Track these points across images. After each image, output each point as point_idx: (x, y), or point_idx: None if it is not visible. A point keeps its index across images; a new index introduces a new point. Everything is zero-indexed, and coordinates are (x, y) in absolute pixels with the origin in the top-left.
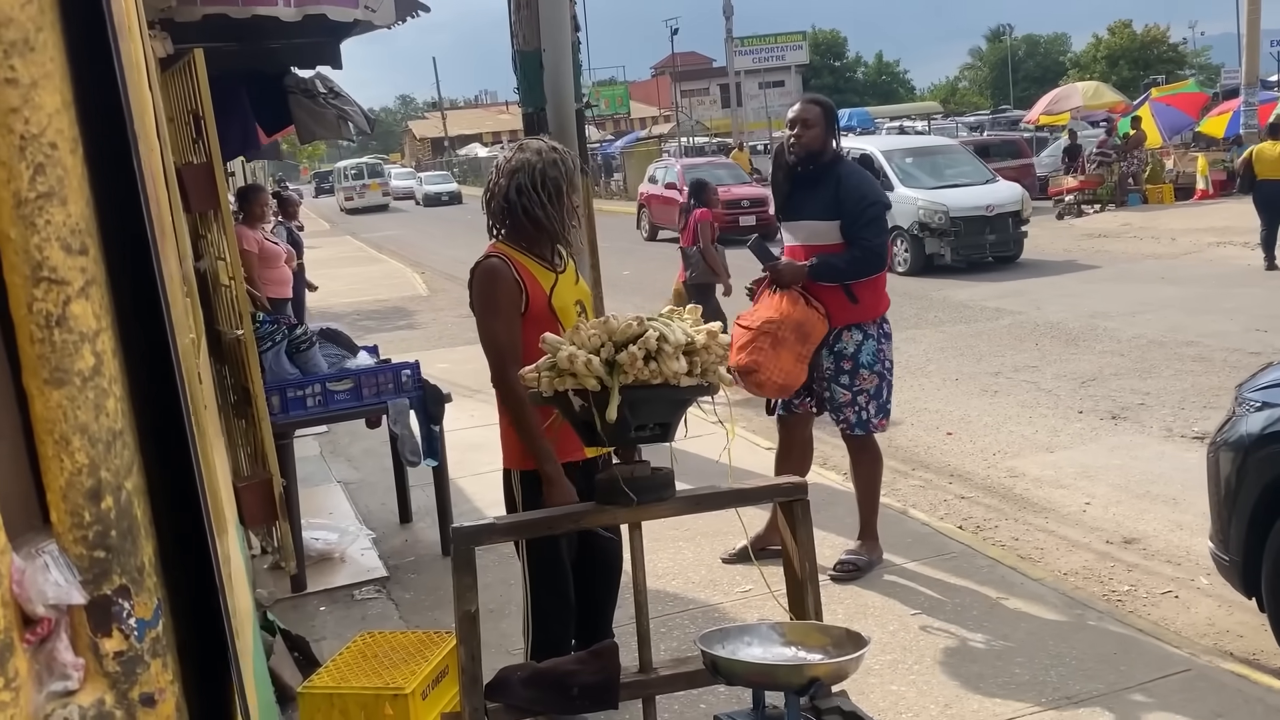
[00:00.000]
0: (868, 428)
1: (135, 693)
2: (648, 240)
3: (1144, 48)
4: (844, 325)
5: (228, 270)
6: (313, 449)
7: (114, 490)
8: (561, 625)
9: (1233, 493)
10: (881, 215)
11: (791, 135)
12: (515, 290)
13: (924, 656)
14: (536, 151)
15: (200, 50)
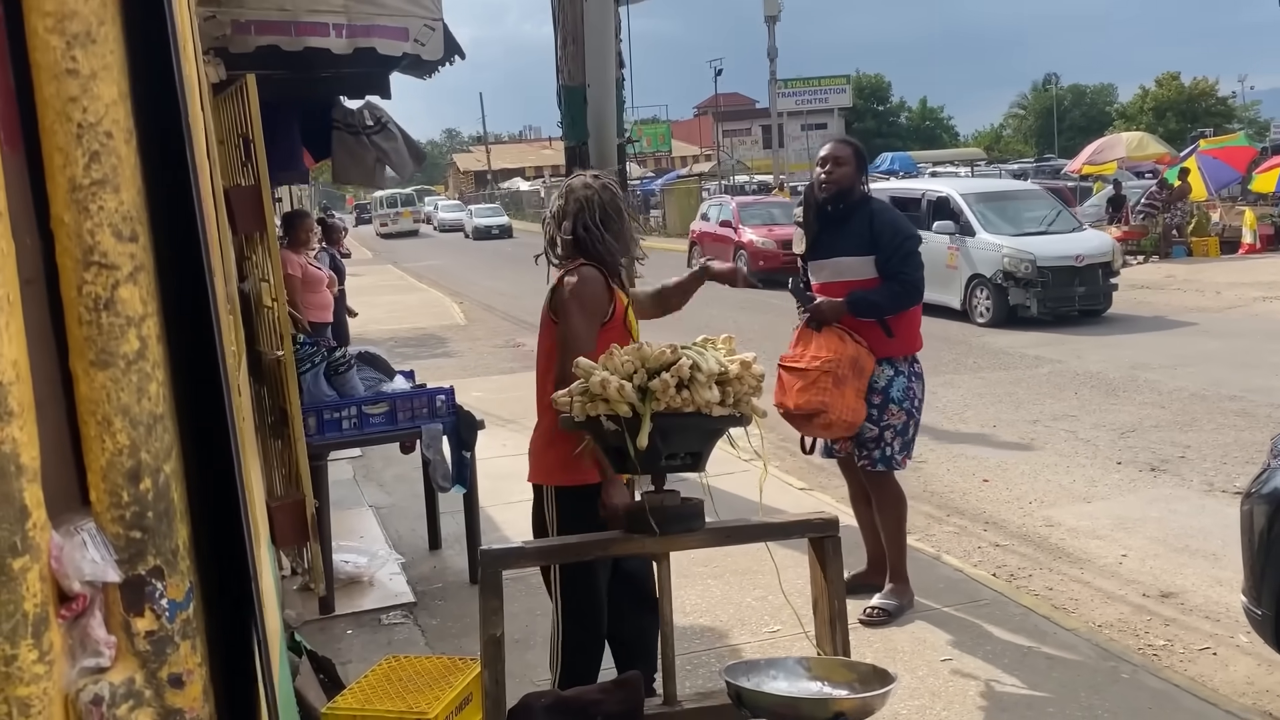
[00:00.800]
0: (890, 464)
1: (164, 673)
2: None
3: (1192, 100)
4: (877, 360)
5: (270, 292)
6: (346, 473)
7: (153, 472)
8: (589, 659)
9: (1266, 546)
10: (916, 250)
11: (823, 173)
12: (606, 298)
13: (953, 703)
14: (585, 186)
15: (252, 75)
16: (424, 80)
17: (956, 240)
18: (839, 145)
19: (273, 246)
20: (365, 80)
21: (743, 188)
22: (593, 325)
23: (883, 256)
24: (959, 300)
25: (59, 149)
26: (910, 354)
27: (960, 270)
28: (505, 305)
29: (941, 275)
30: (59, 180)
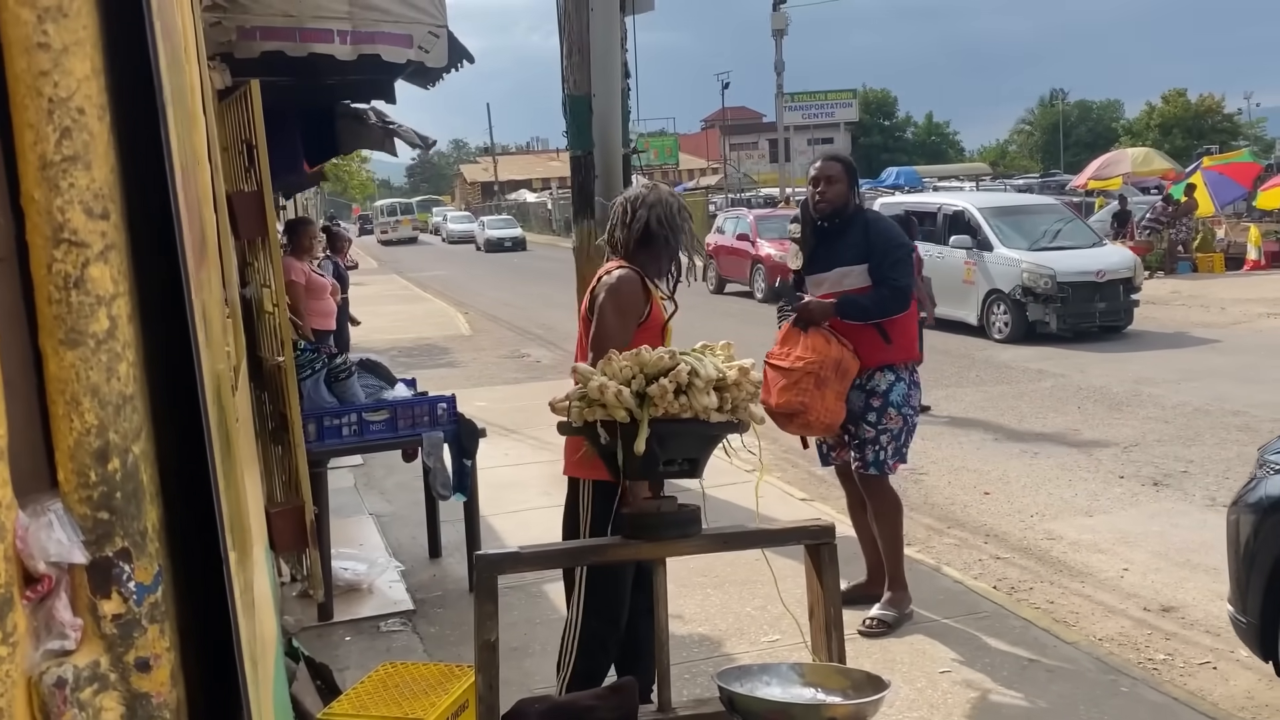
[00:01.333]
0: (882, 468)
1: (131, 657)
2: (714, 293)
3: (1198, 117)
4: (878, 365)
5: (272, 298)
6: (347, 481)
7: (121, 453)
8: (606, 654)
9: (1251, 554)
10: (907, 258)
11: (816, 193)
12: (642, 299)
13: (951, 715)
14: (670, 193)
15: (256, 81)
16: (427, 89)
17: (974, 255)
18: (829, 164)
19: (274, 252)
20: (370, 86)
21: (749, 201)
22: (627, 325)
23: (874, 262)
24: (976, 316)
25: (29, 125)
26: (910, 360)
27: (977, 285)
28: (511, 316)
29: (958, 291)
30: (29, 157)
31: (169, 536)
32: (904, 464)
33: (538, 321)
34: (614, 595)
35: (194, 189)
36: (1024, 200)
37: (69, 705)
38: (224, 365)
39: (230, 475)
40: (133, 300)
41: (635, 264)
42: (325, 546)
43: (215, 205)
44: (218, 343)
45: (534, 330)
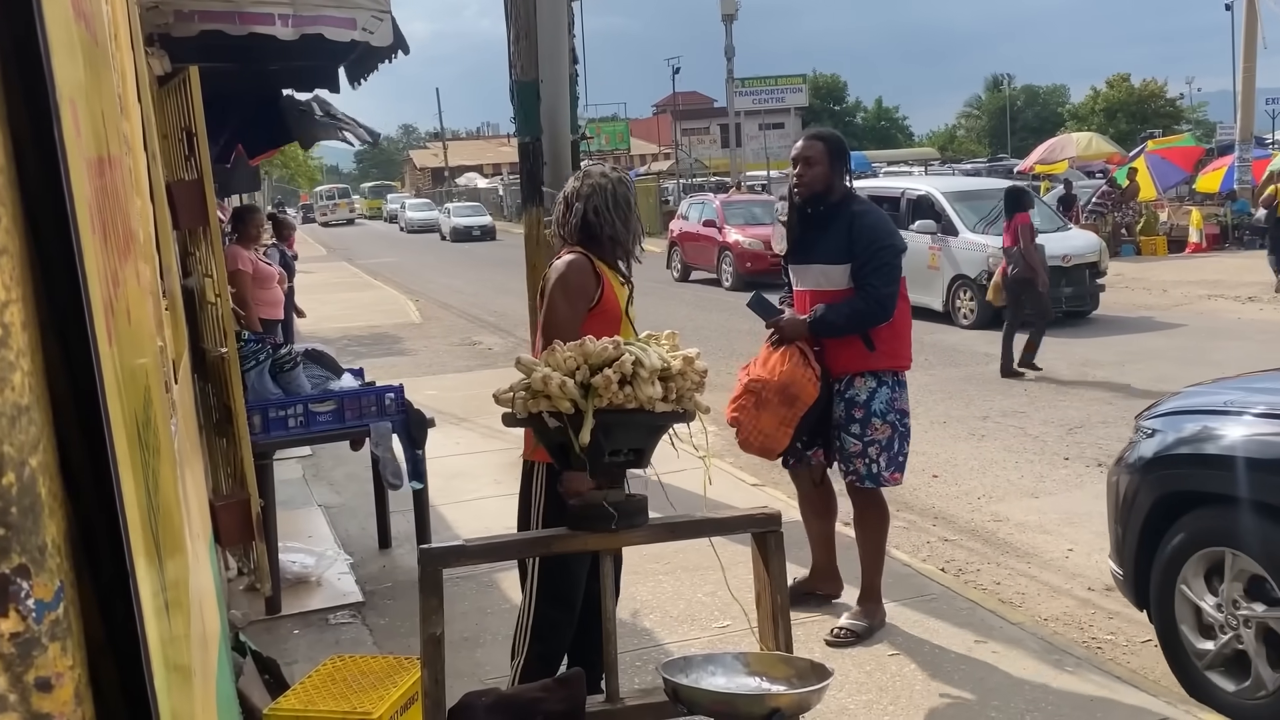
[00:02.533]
0: (878, 481)
1: (31, 676)
2: (679, 281)
3: (1141, 102)
4: (857, 372)
5: (214, 288)
6: (295, 472)
7: (17, 466)
8: (560, 640)
9: (1126, 510)
10: (894, 261)
11: (793, 175)
12: (591, 283)
13: (900, 697)
14: (603, 175)
15: (195, 68)
16: (356, 86)
17: (938, 240)
18: (809, 143)
19: (216, 242)
20: (313, 73)
21: (701, 186)
22: (576, 310)
23: (856, 265)
24: (940, 302)
25: None
26: (895, 368)
27: (942, 271)
28: (462, 303)
29: (923, 277)
30: None
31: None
32: (901, 475)
33: (489, 308)
34: (567, 581)
35: (120, 180)
36: (989, 184)
37: None
38: (150, 360)
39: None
40: (28, 307)
41: (585, 250)
42: (272, 539)
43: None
44: (145, 337)
45: (485, 317)
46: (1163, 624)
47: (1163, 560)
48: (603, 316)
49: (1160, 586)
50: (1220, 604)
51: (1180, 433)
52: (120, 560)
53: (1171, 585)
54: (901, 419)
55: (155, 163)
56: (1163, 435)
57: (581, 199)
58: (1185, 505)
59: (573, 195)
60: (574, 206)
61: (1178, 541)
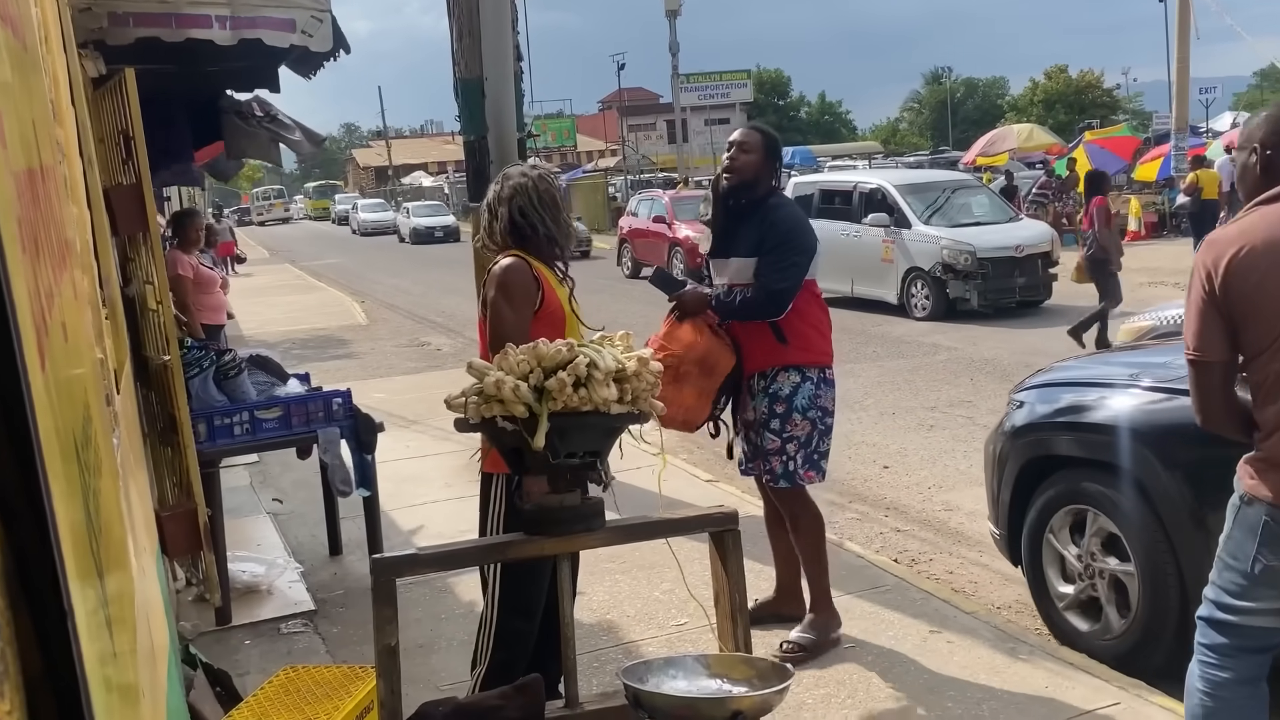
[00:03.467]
0: (793, 480)
1: None
2: (629, 278)
3: (1079, 92)
4: (780, 366)
5: (155, 295)
6: (243, 479)
7: None
8: (523, 648)
9: (1000, 475)
10: (795, 259)
11: (726, 158)
12: (532, 286)
13: (857, 690)
14: (522, 175)
15: (132, 70)
16: (307, 79)
17: (892, 233)
18: (748, 131)
19: (156, 248)
20: (253, 73)
21: (649, 183)
22: (522, 315)
23: (760, 259)
24: (895, 295)
25: None
26: (816, 363)
27: (896, 264)
28: (409, 304)
29: (876, 270)
30: None
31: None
32: (818, 475)
33: (436, 309)
34: (530, 590)
35: (54, 189)
36: (940, 177)
37: None
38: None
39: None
40: None
41: (519, 253)
42: (221, 549)
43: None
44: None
45: (433, 318)
46: (1032, 574)
47: (1032, 518)
48: (548, 319)
49: (1030, 540)
50: (1080, 555)
51: (1045, 403)
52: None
53: (1039, 539)
54: (823, 417)
55: (92, 168)
56: (1030, 406)
57: (505, 202)
58: (1050, 468)
59: (495, 200)
60: (499, 211)
61: (1044, 501)
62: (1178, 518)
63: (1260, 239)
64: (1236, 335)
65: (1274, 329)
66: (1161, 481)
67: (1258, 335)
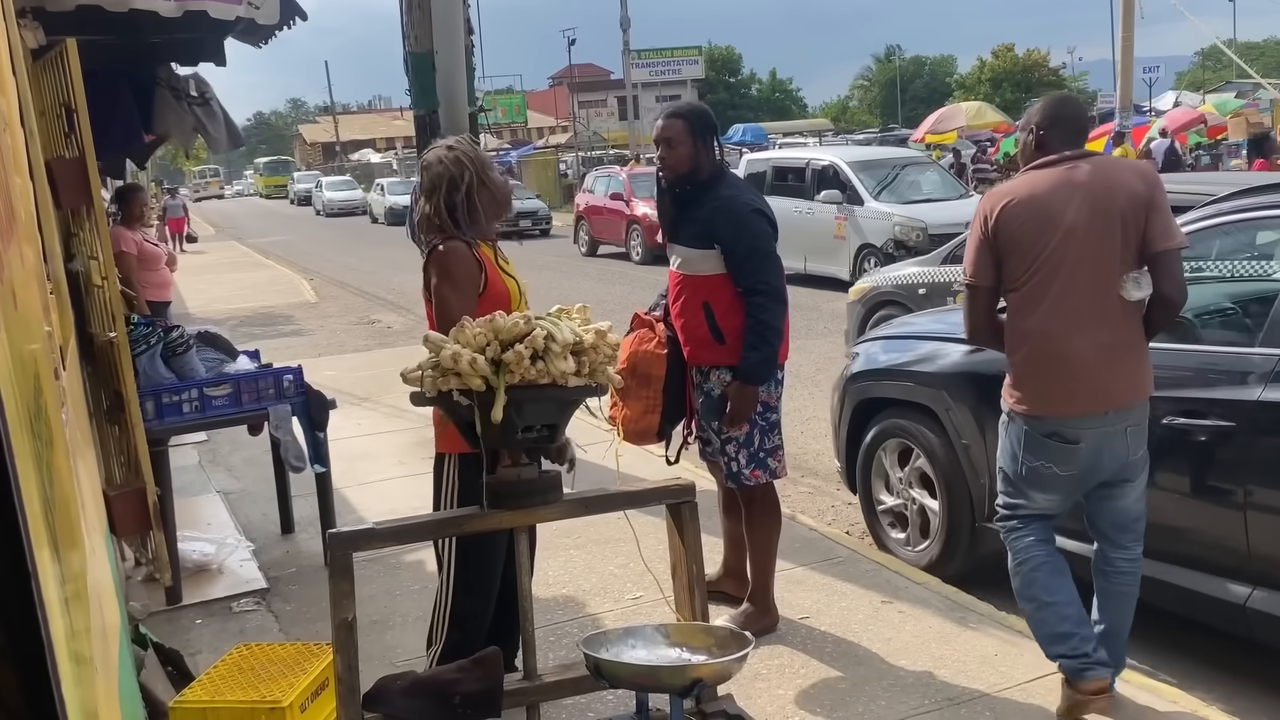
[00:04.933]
0: (739, 481)
1: None
2: (586, 255)
3: (1026, 71)
4: (713, 365)
5: (100, 270)
6: (191, 458)
7: None
8: (479, 627)
9: (839, 417)
10: (772, 248)
11: (658, 157)
12: (475, 269)
13: (811, 660)
14: (439, 161)
15: (73, 40)
16: (259, 48)
17: (844, 210)
18: (669, 122)
19: (100, 222)
20: (199, 46)
21: (600, 160)
22: (466, 299)
23: (734, 265)
24: (848, 271)
25: None
26: None
27: (849, 240)
28: (359, 281)
29: (829, 246)
30: None
31: None
32: (765, 474)
33: (386, 285)
34: (485, 570)
35: None
36: (892, 154)
37: None
38: (39, 346)
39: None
40: None
41: (459, 236)
42: (170, 528)
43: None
44: (32, 322)
45: (383, 295)
46: (865, 497)
47: (864, 449)
48: (494, 300)
49: (862, 469)
50: (901, 479)
51: (874, 353)
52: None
53: (869, 467)
54: (764, 413)
55: (33, 139)
56: (863, 356)
57: (427, 194)
58: (876, 409)
59: (425, 192)
60: (429, 204)
61: (871, 436)
62: (966, 443)
63: (1025, 194)
64: (1001, 267)
65: (1028, 264)
66: (954, 415)
67: (1016, 268)
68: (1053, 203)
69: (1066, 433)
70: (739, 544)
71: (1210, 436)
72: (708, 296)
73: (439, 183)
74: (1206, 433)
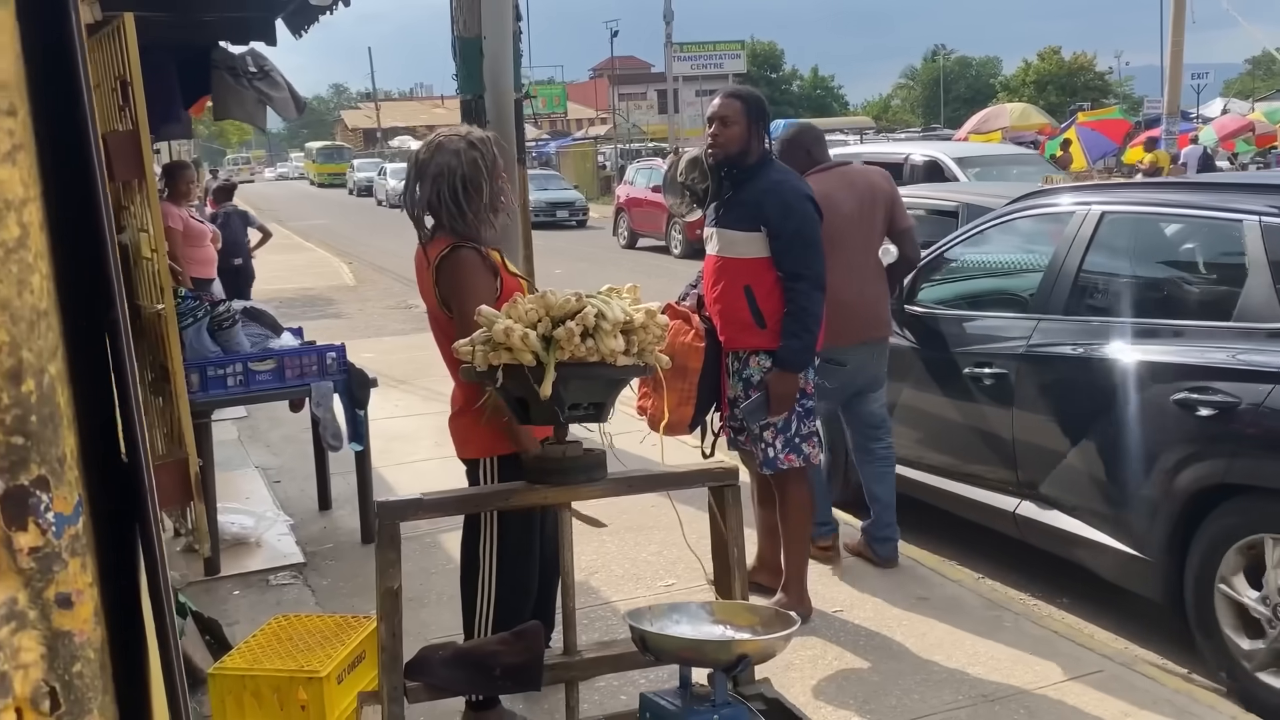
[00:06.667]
0: (775, 465)
1: (51, 592)
2: (625, 248)
3: (1071, 74)
4: (751, 349)
5: (150, 243)
6: (231, 434)
7: (36, 373)
8: (520, 620)
9: None
10: (818, 236)
11: (708, 134)
12: (491, 275)
13: (844, 652)
14: (455, 153)
15: (130, 15)
16: (298, 37)
17: None
18: (726, 101)
19: (152, 195)
20: (248, 25)
21: (639, 152)
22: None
23: (779, 247)
24: None
25: None
26: None
27: None
28: (397, 266)
29: None
30: None
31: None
32: (799, 459)
33: None
34: (526, 561)
35: None
36: (1000, 150)
37: None
38: None
39: None
40: (43, 207)
41: (462, 238)
42: (210, 499)
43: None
44: None
45: None
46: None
47: None
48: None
49: None
50: None
51: None
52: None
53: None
54: (800, 399)
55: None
56: None
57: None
58: None
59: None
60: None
61: None
62: None
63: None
64: None
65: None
66: None
67: None
68: (834, 196)
69: (837, 357)
70: (773, 534)
71: (992, 381)
72: (750, 280)
73: (448, 175)
74: (989, 378)
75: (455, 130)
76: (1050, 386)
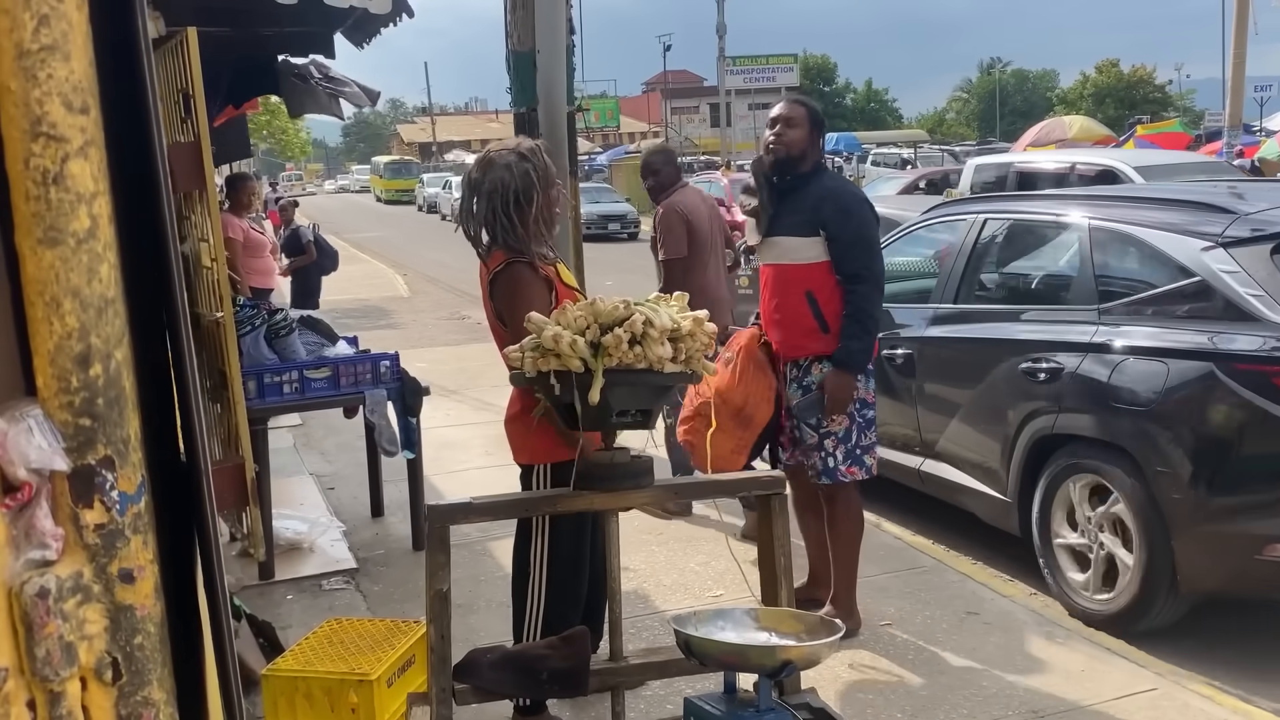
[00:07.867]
0: (834, 476)
1: (114, 567)
2: None
3: (1130, 87)
4: (814, 356)
5: (210, 252)
6: (286, 441)
7: (103, 358)
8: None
9: None
10: (877, 238)
11: (771, 134)
12: (545, 290)
13: (892, 666)
14: (506, 167)
15: (193, 29)
16: (361, 49)
17: None
18: (791, 105)
19: (213, 206)
20: (309, 39)
21: (690, 166)
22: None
23: (838, 250)
24: None
25: (5, 10)
26: None
27: None
28: (449, 278)
29: None
30: (5, 45)
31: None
32: (862, 470)
33: (477, 283)
34: (576, 571)
35: None
36: (1186, 158)
37: (52, 616)
38: None
39: None
40: (112, 200)
41: (517, 252)
42: (266, 505)
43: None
44: None
45: (473, 292)
46: None
47: None
48: None
49: None
50: None
51: None
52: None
53: None
54: (861, 409)
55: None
56: None
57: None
58: None
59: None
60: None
61: None
62: None
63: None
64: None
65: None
66: None
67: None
68: (697, 209)
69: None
70: (822, 544)
71: (901, 360)
72: (811, 285)
73: (501, 190)
74: (899, 358)
75: (504, 144)
76: (941, 363)
